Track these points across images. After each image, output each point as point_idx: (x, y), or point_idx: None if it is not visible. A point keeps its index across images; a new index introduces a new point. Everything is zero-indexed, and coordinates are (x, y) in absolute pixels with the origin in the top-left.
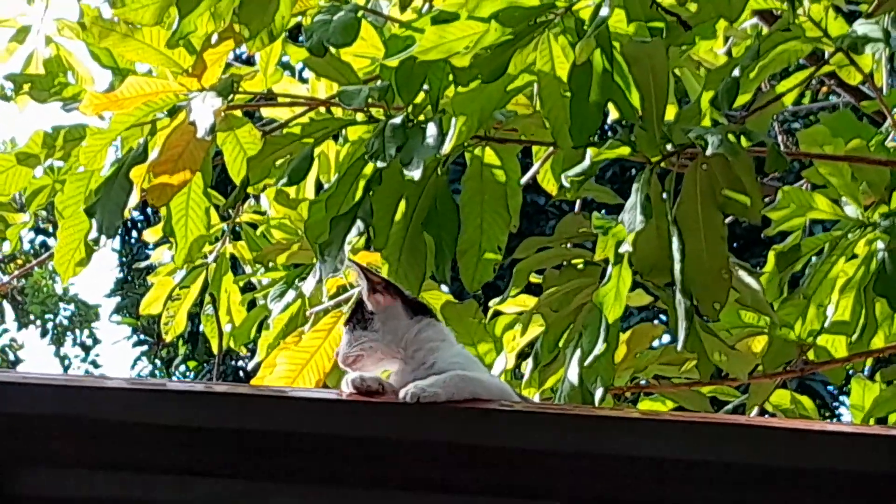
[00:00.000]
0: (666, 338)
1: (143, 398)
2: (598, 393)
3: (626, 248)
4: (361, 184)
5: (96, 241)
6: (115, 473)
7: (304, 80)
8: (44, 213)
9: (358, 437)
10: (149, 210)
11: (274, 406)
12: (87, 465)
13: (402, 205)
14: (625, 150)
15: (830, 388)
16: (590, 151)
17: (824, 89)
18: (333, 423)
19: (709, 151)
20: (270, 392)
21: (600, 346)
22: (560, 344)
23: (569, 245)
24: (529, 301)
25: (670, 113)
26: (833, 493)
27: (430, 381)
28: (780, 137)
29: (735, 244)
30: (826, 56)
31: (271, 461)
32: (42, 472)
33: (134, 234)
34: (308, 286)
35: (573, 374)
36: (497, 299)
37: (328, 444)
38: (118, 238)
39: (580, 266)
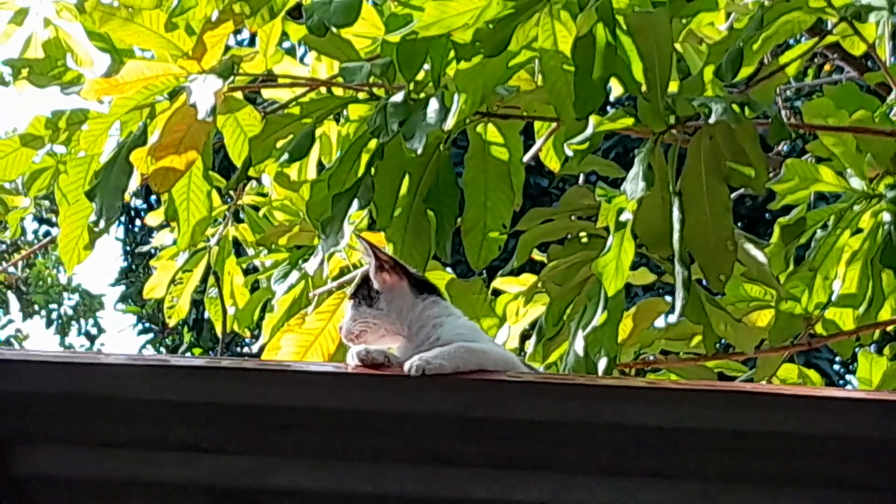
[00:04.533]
0: (674, 317)
1: (146, 374)
2: (602, 364)
3: (627, 216)
4: (364, 161)
5: (97, 224)
6: (119, 451)
7: (304, 65)
8: (46, 202)
9: (364, 411)
10: (151, 198)
11: (279, 380)
12: (91, 442)
13: (405, 183)
14: (628, 121)
15: (837, 367)
16: (592, 120)
17: (827, 67)
18: (339, 396)
19: (712, 119)
20: (275, 366)
21: (599, 316)
22: (564, 318)
23: (573, 218)
24: (532, 280)
25: (673, 88)
26: (844, 460)
27: (435, 352)
28: (783, 113)
29: (738, 224)
30: (829, 26)
31: (276, 436)
32: (45, 450)
33: (137, 222)
34: (311, 266)
35: (578, 346)
36: (502, 272)
37: (334, 418)
38: (121, 227)
39: (584, 239)
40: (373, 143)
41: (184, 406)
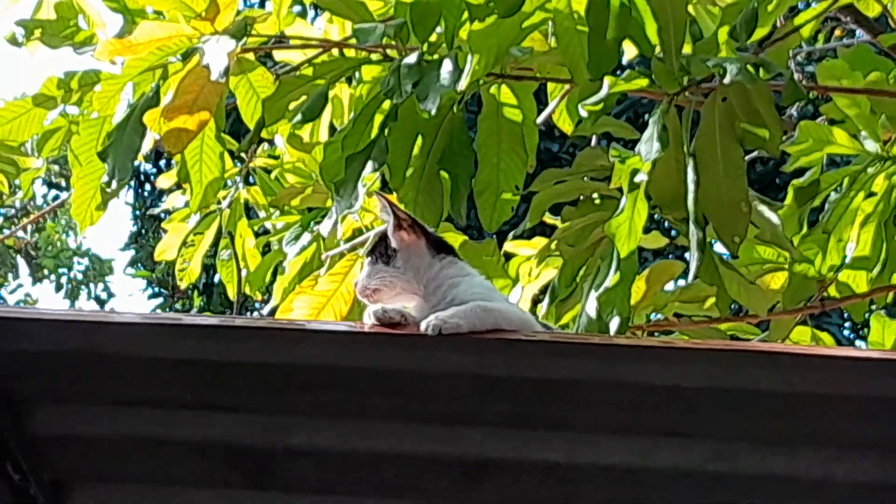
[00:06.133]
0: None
1: (159, 332)
2: (614, 324)
3: (641, 177)
4: (377, 122)
5: (109, 185)
6: (134, 409)
7: (316, 29)
8: (56, 167)
9: (380, 370)
10: (161, 163)
11: (295, 339)
12: (106, 401)
13: (419, 144)
14: (643, 82)
15: (847, 332)
16: (607, 81)
17: (838, 32)
18: (355, 355)
19: (727, 79)
20: (290, 325)
21: (611, 277)
22: (577, 279)
23: (587, 179)
24: (543, 243)
25: (686, 50)
26: (860, 419)
27: (451, 311)
28: (796, 76)
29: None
30: None
31: (292, 395)
32: (61, 409)
33: (147, 186)
34: (325, 228)
35: (591, 307)
36: (514, 233)
37: (350, 377)
38: (131, 191)
39: (597, 201)
40: (386, 105)
41: (198, 365)
